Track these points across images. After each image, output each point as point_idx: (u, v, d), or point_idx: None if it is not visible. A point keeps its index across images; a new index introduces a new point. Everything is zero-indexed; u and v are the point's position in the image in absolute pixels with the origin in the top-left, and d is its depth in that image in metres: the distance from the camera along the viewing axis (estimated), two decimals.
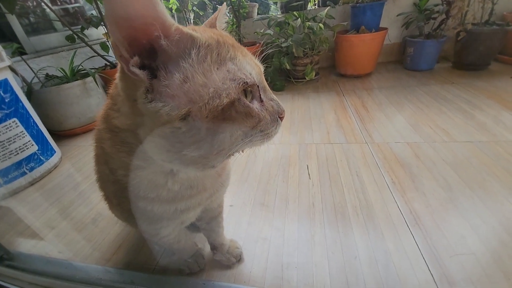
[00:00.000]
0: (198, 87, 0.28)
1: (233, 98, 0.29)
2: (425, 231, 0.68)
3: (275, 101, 0.36)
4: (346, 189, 0.87)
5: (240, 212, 0.83)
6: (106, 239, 0.80)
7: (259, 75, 0.34)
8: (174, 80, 0.28)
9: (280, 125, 0.37)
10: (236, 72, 0.30)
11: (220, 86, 0.29)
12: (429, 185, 0.83)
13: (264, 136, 0.34)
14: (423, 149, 1.01)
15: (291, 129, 1.33)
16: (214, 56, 0.30)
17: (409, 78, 1.78)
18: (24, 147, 1.14)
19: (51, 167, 1.27)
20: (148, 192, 0.39)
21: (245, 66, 0.32)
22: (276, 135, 0.37)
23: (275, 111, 0.35)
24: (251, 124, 0.32)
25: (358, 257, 0.64)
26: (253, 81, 0.32)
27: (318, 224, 0.75)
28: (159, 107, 0.28)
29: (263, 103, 0.34)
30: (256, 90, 0.33)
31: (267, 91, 0.35)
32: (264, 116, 0.33)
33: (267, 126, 0.34)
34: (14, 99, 1.12)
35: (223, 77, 0.29)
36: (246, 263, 0.67)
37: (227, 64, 0.30)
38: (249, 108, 0.31)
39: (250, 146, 0.35)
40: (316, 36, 1.77)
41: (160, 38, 0.26)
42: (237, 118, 0.30)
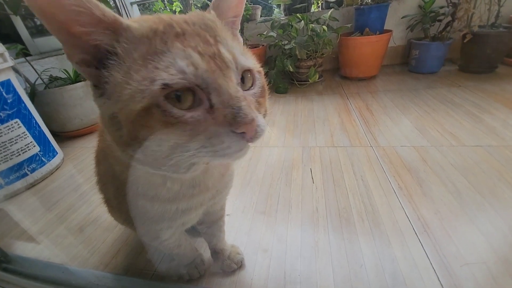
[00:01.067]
0: (120, 86, 0.25)
1: (148, 104, 0.24)
2: (434, 239, 0.65)
3: (234, 110, 0.26)
4: (351, 194, 0.84)
5: (242, 217, 0.81)
6: (105, 243, 0.79)
7: (210, 72, 0.25)
8: (111, 77, 0.26)
9: (242, 144, 0.27)
10: (159, 70, 0.24)
11: (137, 88, 0.24)
12: (437, 191, 0.80)
13: (209, 152, 0.26)
14: (431, 153, 0.98)
15: (294, 132, 1.31)
16: (144, 50, 0.25)
17: (415, 81, 1.75)
18: (26, 148, 1.14)
19: (53, 169, 1.26)
20: (147, 190, 0.38)
21: (177, 61, 0.24)
22: (238, 154, 0.28)
23: (226, 123, 0.26)
24: (181, 136, 0.25)
25: (364, 265, 0.61)
26: (183, 82, 0.24)
27: (322, 230, 0.73)
28: (101, 102, 0.27)
29: (213, 110, 0.26)
30: (200, 93, 0.26)
31: (223, 94, 0.26)
32: (205, 129, 0.26)
33: (211, 142, 0.26)
34: (16, 99, 1.12)
35: (144, 77, 0.24)
36: (247, 269, 0.64)
37: (155, 60, 0.25)
38: (174, 118, 0.25)
39: (204, 161, 0.28)
40: (319, 39, 1.75)
41: (90, 34, 0.25)
42: (158, 127, 0.25)
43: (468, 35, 1.63)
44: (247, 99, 0.28)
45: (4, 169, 1.07)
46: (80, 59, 0.26)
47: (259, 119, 0.28)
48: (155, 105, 0.24)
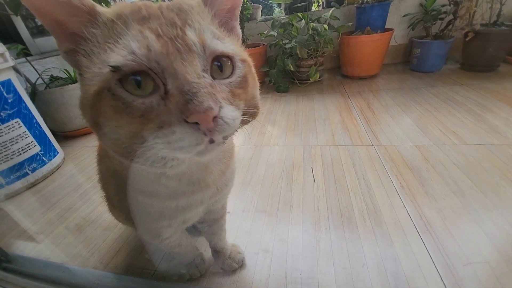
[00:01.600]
0: (84, 72, 0.26)
1: (100, 87, 0.24)
2: (437, 238, 0.65)
3: (187, 96, 0.23)
4: (353, 193, 0.84)
5: (243, 216, 0.81)
6: (106, 242, 0.78)
7: (164, 55, 0.24)
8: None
9: (198, 137, 0.24)
10: (112, 52, 0.24)
11: (94, 71, 0.24)
12: (440, 190, 0.79)
13: (165, 145, 0.24)
14: (433, 152, 0.97)
15: (295, 131, 1.31)
16: (106, 34, 0.25)
17: (416, 79, 1.74)
18: (26, 148, 1.13)
19: (54, 168, 1.26)
20: (144, 186, 0.37)
21: (130, 43, 0.23)
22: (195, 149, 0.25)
23: (177, 110, 0.23)
24: (133, 124, 0.24)
25: (366, 265, 0.61)
26: (132, 65, 0.23)
27: (324, 230, 0.72)
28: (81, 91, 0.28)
29: (167, 96, 0.24)
30: (156, 77, 0.24)
31: (179, 79, 0.24)
32: (156, 116, 0.24)
33: (163, 133, 0.24)
34: (17, 99, 1.12)
35: (101, 60, 0.24)
36: (248, 269, 0.64)
37: (115, 42, 0.24)
38: (122, 103, 0.23)
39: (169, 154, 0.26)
40: (320, 37, 1.75)
41: (72, 22, 0.26)
42: (110, 113, 0.24)
43: (470, 33, 1.62)
44: (215, 87, 0.26)
45: (5, 169, 1.06)
46: (67, 48, 0.27)
47: (224, 110, 0.25)
48: (107, 88, 0.24)
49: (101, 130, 0.26)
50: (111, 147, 0.28)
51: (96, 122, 0.26)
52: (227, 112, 0.25)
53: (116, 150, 0.27)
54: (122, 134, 0.25)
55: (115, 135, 0.25)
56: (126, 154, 0.26)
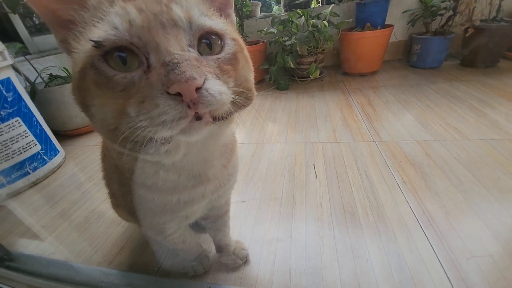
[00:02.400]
0: (72, 54, 0.26)
1: (84, 64, 0.24)
2: (440, 233, 0.65)
3: (168, 67, 0.23)
4: (355, 189, 0.84)
5: (246, 213, 0.81)
6: (109, 240, 0.78)
7: (146, 29, 0.23)
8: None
9: (181, 109, 0.23)
10: (95, 29, 0.24)
11: (80, 50, 0.25)
12: (442, 185, 0.80)
13: (147, 122, 0.23)
14: (434, 147, 0.97)
15: (296, 127, 1.31)
16: (93, 14, 0.25)
17: (416, 76, 1.74)
18: (27, 147, 1.13)
19: (55, 167, 1.26)
20: (144, 179, 0.37)
21: (112, 18, 0.24)
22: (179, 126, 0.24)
23: (159, 82, 0.23)
24: (116, 100, 0.24)
25: (369, 260, 0.61)
26: (113, 39, 0.23)
27: (327, 225, 0.72)
28: None
29: (149, 70, 0.24)
30: (139, 52, 0.24)
31: (161, 52, 0.23)
32: (137, 90, 0.24)
33: (145, 107, 0.23)
34: (17, 98, 1.11)
35: (86, 38, 0.24)
36: (252, 265, 0.64)
37: (99, 20, 0.25)
38: (104, 77, 0.23)
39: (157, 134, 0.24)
40: (320, 34, 1.74)
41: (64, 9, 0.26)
42: (93, 89, 0.24)
43: (470, 29, 1.62)
44: (201, 61, 0.25)
45: (6, 168, 1.06)
46: (61, 37, 0.27)
47: (210, 82, 0.24)
48: (90, 64, 0.24)
49: (89, 111, 0.26)
50: (100, 131, 0.28)
51: (84, 103, 0.26)
52: (213, 84, 0.24)
53: (105, 134, 0.28)
54: (108, 113, 0.25)
55: (102, 115, 0.25)
56: (113, 137, 0.26)
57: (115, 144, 0.27)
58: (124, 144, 0.26)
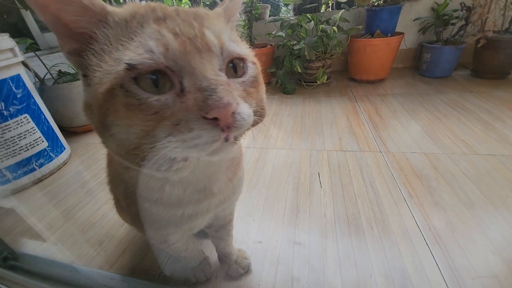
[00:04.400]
0: (92, 72, 0.25)
1: (112, 85, 0.23)
2: (446, 250, 0.64)
3: (206, 93, 0.23)
4: (360, 200, 0.83)
5: (248, 220, 0.81)
6: (112, 242, 0.79)
7: (183, 53, 0.24)
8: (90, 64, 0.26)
9: (216, 134, 0.24)
10: (126, 50, 0.23)
11: (106, 69, 0.24)
12: (449, 200, 0.78)
13: (179, 143, 0.23)
14: (442, 161, 0.96)
15: (301, 133, 1.30)
16: (120, 33, 0.25)
17: (425, 85, 1.72)
18: (34, 143, 1.14)
19: (60, 164, 1.27)
20: (149, 194, 0.37)
21: (147, 41, 0.23)
22: (211, 147, 0.24)
23: (196, 107, 0.23)
24: (145, 122, 0.23)
25: (373, 275, 0.60)
26: (149, 63, 0.23)
27: (331, 237, 0.72)
28: (85, 92, 0.27)
29: (184, 94, 0.24)
30: (173, 76, 0.24)
31: (197, 77, 0.24)
32: (172, 113, 0.23)
33: (178, 130, 0.23)
34: (26, 94, 1.13)
35: (114, 58, 0.24)
36: (254, 275, 0.64)
37: (130, 41, 0.24)
38: (136, 100, 0.23)
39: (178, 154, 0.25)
40: (329, 40, 1.73)
41: (82, 21, 0.25)
42: (122, 111, 0.23)
43: (482, 40, 1.59)
44: (231, 85, 0.26)
45: (12, 164, 1.07)
46: (70, 48, 0.26)
47: (241, 106, 0.25)
48: (120, 85, 0.23)
49: (108, 131, 0.25)
50: (116, 150, 0.27)
51: (104, 123, 0.25)
52: (243, 108, 0.25)
53: (121, 153, 0.27)
54: (132, 133, 0.24)
55: (125, 135, 0.25)
56: (131, 156, 0.26)
57: (130, 163, 0.27)
58: (138, 162, 0.26)
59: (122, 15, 0.26)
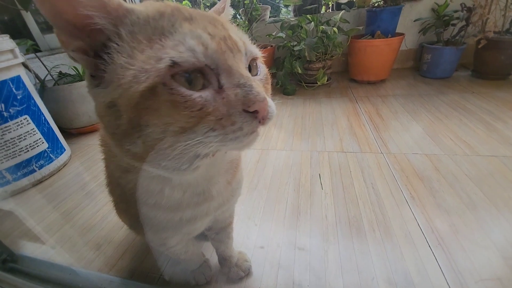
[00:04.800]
0: (120, 70, 0.24)
1: (153, 83, 0.23)
2: (449, 253, 0.63)
3: (245, 89, 0.25)
4: (361, 202, 0.82)
5: (249, 223, 0.80)
6: (111, 244, 0.78)
7: (219, 53, 0.25)
8: (108, 63, 0.25)
9: (254, 125, 0.26)
10: (167, 49, 0.23)
11: (142, 68, 0.23)
12: (452, 202, 0.78)
13: (219, 137, 0.25)
14: (444, 162, 0.95)
15: (302, 135, 1.30)
16: (150, 31, 0.24)
17: (426, 86, 1.72)
18: (34, 145, 1.14)
19: (60, 165, 1.26)
20: (147, 198, 0.36)
21: (186, 40, 0.24)
22: (252, 139, 0.27)
23: (238, 102, 0.25)
24: (188, 118, 0.24)
25: (375, 278, 0.60)
26: (193, 61, 0.23)
27: (332, 239, 0.71)
28: (96, 93, 0.26)
29: (222, 91, 0.25)
30: (210, 73, 0.25)
31: (233, 75, 0.25)
32: (215, 109, 0.24)
33: (221, 124, 0.24)
34: (26, 96, 1.12)
35: (149, 56, 0.23)
36: (254, 278, 0.63)
37: (162, 40, 0.24)
38: (181, 97, 0.23)
39: (212, 149, 0.26)
40: (329, 40, 1.73)
41: (92, 17, 0.24)
42: (164, 109, 0.23)
43: (483, 40, 1.59)
44: (256, 82, 0.27)
45: (12, 165, 1.07)
46: (77, 46, 0.25)
47: (269, 100, 0.28)
48: (161, 84, 0.23)
49: (139, 131, 0.24)
50: (142, 152, 0.26)
51: (137, 123, 0.24)
52: (271, 101, 0.28)
53: (145, 155, 0.26)
54: (171, 131, 0.24)
55: (160, 134, 0.24)
56: (159, 156, 0.26)
57: (152, 165, 0.27)
58: (161, 163, 0.26)
59: (145, 13, 0.25)
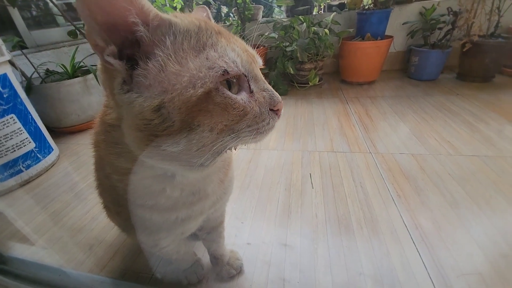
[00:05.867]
0: (171, 76, 0.26)
1: (209, 88, 0.27)
2: (432, 249, 0.66)
3: (269, 92, 0.32)
4: (350, 201, 0.85)
5: (241, 222, 0.81)
6: (102, 244, 0.78)
7: (248, 63, 0.31)
8: (149, 69, 0.26)
9: (275, 120, 0.33)
10: (215, 59, 0.28)
11: (195, 75, 0.26)
12: (435, 200, 0.81)
13: (253, 132, 0.31)
14: (428, 161, 0.99)
15: (294, 135, 1.32)
16: (193, 42, 0.28)
17: (413, 87, 1.77)
18: (21, 144, 1.11)
19: (48, 165, 1.24)
20: (146, 200, 0.37)
21: (228, 53, 0.29)
22: (271, 131, 0.33)
23: (266, 102, 0.32)
24: (234, 117, 0.29)
25: (363, 274, 0.62)
26: (236, 70, 0.29)
27: (321, 236, 0.73)
28: (133, 98, 0.27)
29: (253, 94, 0.31)
30: (244, 80, 0.31)
31: (259, 81, 0.32)
32: (251, 108, 0.30)
33: (255, 121, 0.31)
34: (12, 94, 1.10)
35: (200, 65, 0.27)
36: (246, 275, 0.64)
37: (206, 51, 0.28)
38: (230, 99, 0.28)
39: (239, 143, 0.32)
40: (321, 42, 1.76)
41: (137, 25, 0.25)
42: (216, 110, 0.28)
43: (468, 44, 1.65)
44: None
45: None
46: (113, 51, 0.25)
47: None
48: (215, 89, 0.27)
49: (192, 130, 0.27)
50: (184, 150, 0.28)
51: (189, 123, 0.27)
52: None
53: (186, 154, 0.29)
54: (217, 129, 0.28)
55: (207, 132, 0.28)
56: (199, 153, 0.29)
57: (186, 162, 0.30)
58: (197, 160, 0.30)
59: (186, 25, 0.28)
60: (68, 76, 1.56)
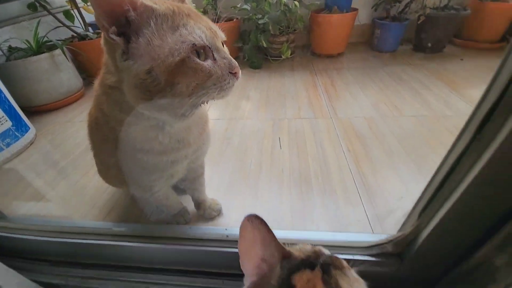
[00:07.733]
0: (156, 48, 0.36)
1: (183, 56, 0.36)
2: (369, 189, 0.85)
3: (228, 59, 0.41)
4: (310, 158, 1.01)
5: (220, 178, 0.95)
6: (95, 207, 0.88)
7: (211, 38, 0.39)
8: (140, 43, 0.36)
9: (234, 80, 0.42)
10: (186, 35, 0.37)
11: (173, 47, 0.36)
12: (377, 153, 1.00)
13: (217, 88, 0.40)
14: (377, 123, 1.17)
15: (267, 106, 1.44)
16: (169, 23, 0.37)
17: (375, 59, 1.93)
18: None
19: (27, 144, 1.26)
20: (144, 145, 0.49)
21: (195, 30, 0.38)
22: (231, 89, 0.43)
23: (226, 67, 0.41)
24: (202, 77, 0.38)
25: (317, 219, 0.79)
26: (202, 43, 0.38)
27: (286, 186, 0.89)
28: (130, 64, 0.37)
29: (216, 61, 0.40)
30: (209, 51, 0.39)
31: (220, 51, 0.41)
32: (215, 71, 0.39)
33: (218, 80, 0.40)
34: None
35: (175, 40, 0.36)
36: (225, 216, 0.80)
37: (180, 29, 0.37)
38: (199, 65, 0.38)
39: (209, 98, 0.41)
40: (291, 14, 1.81)
41: (129, 11, 0.35)
42: (189, 72, 0.37)
43: (422, 16, 1.80)
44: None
45: None
46: (114, 31, 0.35)
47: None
48: (187, 57, 0.36)
49: (171, 88, 0.37)
50: (169, 102, 0.39)
51: (171, 82, 0.37)
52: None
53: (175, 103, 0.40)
54: (192, 86, 0.38)
55: (184, 88, 0.38)
56: (182, 104, 0.40)
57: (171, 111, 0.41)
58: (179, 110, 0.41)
59: (164, 10, 0.36)
60: (33, 52, 1.51)
